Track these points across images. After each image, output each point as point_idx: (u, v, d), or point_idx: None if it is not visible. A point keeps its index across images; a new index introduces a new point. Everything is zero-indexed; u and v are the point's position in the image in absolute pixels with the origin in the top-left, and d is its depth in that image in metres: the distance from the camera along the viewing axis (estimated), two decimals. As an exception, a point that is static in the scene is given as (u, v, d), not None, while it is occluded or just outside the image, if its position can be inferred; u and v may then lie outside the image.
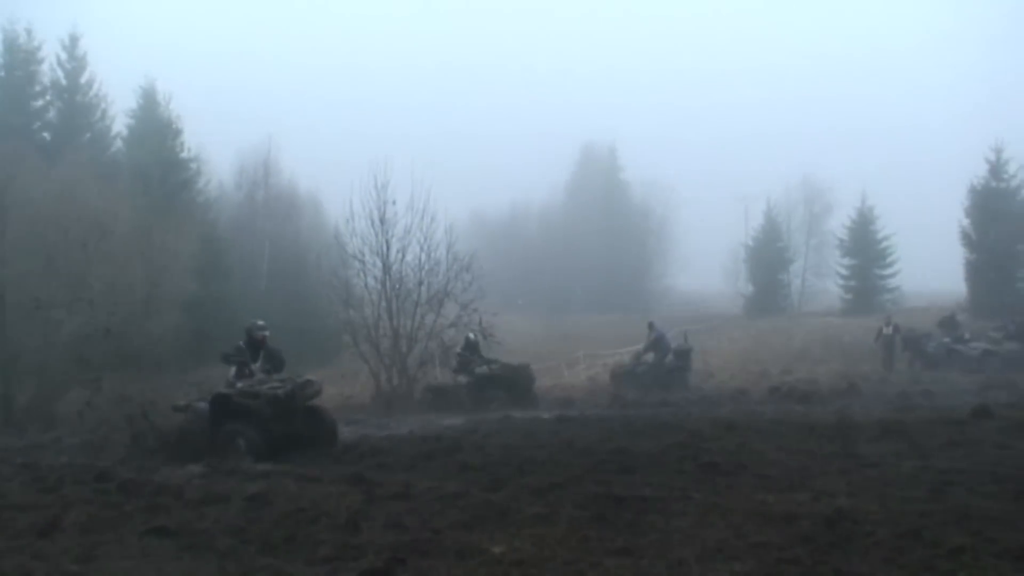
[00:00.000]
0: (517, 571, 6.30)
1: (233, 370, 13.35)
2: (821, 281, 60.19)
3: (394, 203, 24.09)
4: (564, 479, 9.39)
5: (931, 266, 50.71)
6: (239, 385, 13.03)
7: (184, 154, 38.07)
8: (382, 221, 24.06)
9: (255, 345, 13.62)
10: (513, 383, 21.24)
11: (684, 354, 25.65)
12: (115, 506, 8.95)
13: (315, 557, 6.84)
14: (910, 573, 5.91)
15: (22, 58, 37.35)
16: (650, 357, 25.60)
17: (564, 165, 75.65)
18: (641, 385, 24.02)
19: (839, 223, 53.91)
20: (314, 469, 10.84)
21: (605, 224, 67.80)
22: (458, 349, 22.57)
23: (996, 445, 11.23)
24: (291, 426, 12.86)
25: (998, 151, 41.54)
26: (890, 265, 50.17)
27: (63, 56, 38.05)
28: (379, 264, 24.04)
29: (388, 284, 23.82)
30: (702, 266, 71.75)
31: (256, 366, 13.43)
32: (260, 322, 13.87)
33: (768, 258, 56.42)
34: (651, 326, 26.51)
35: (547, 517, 7.78)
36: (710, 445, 11.71)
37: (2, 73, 37.49)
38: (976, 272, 41.08)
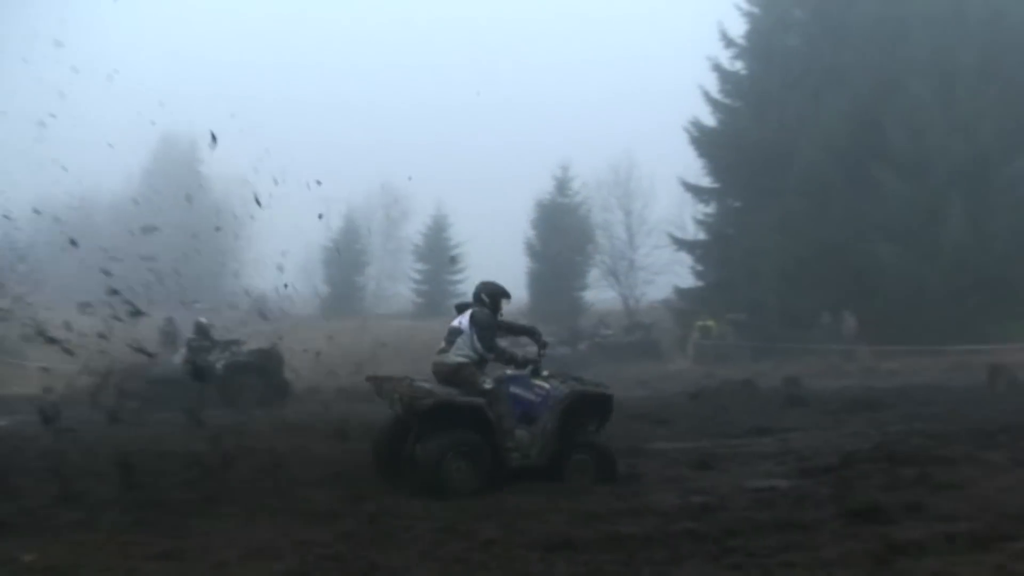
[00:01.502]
0: (49, 579, 5.96)
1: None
2: (395, 285, 61.66)
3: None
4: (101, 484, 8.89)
5: (499, 274, 53.69)
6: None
7: None
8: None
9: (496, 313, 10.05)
10: (265, 369, 19.66)
11: None
12: None
13: None
14: (443, 565, 6.26)
15: None
16: None
17: (142, 153, 71.43)
18: None
19: (415, 229, 55.70)
20: None
21: (183, 219, 65.07)
22: (189, 335, 20.43)
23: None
24: None
25: (565, 168, 45.24)
26: (461, 271, 52.64)
27: None
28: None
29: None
30: (281, 265, 70.86)
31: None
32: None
33: (345, 260, 57.18)
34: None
35: (85, 523, 7.46)
36: (266, 446, 11.53)
37: None
38: (537, 280, 44.37)
